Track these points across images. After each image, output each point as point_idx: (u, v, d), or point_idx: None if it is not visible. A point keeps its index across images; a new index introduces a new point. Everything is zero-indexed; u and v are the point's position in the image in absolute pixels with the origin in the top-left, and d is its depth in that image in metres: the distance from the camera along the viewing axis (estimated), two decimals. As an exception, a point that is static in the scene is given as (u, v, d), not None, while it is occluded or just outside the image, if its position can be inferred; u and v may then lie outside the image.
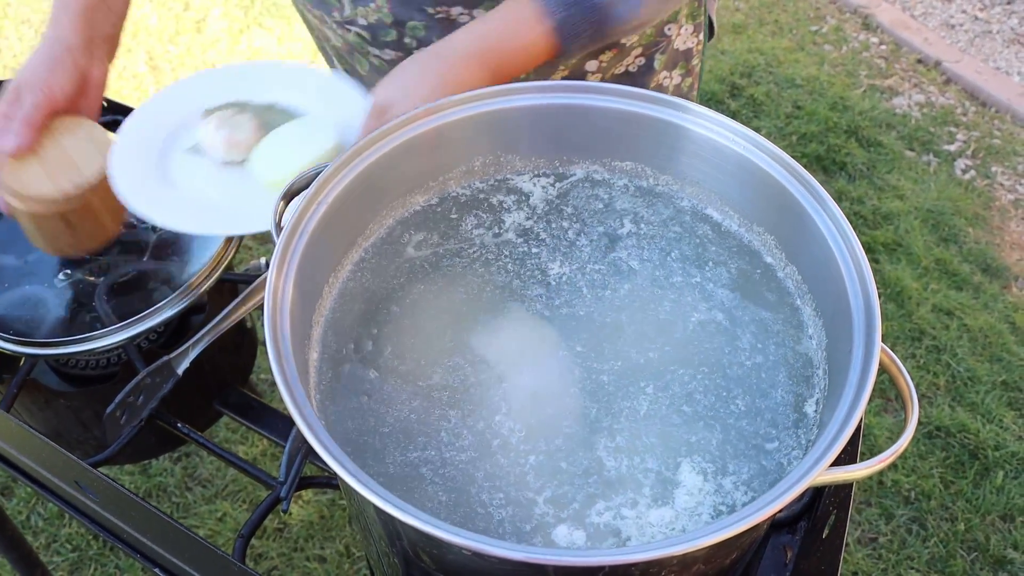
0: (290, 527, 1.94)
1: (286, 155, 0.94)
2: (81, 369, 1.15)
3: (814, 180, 0.71)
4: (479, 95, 0.77)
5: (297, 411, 0.56)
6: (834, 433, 0.56)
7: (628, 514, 0.63)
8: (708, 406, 0.70)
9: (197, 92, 1.07)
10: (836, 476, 0.56)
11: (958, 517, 1.99)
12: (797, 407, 0.69)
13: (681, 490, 0.65)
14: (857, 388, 0.59)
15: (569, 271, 0.78)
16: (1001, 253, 2.60)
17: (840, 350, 0.65)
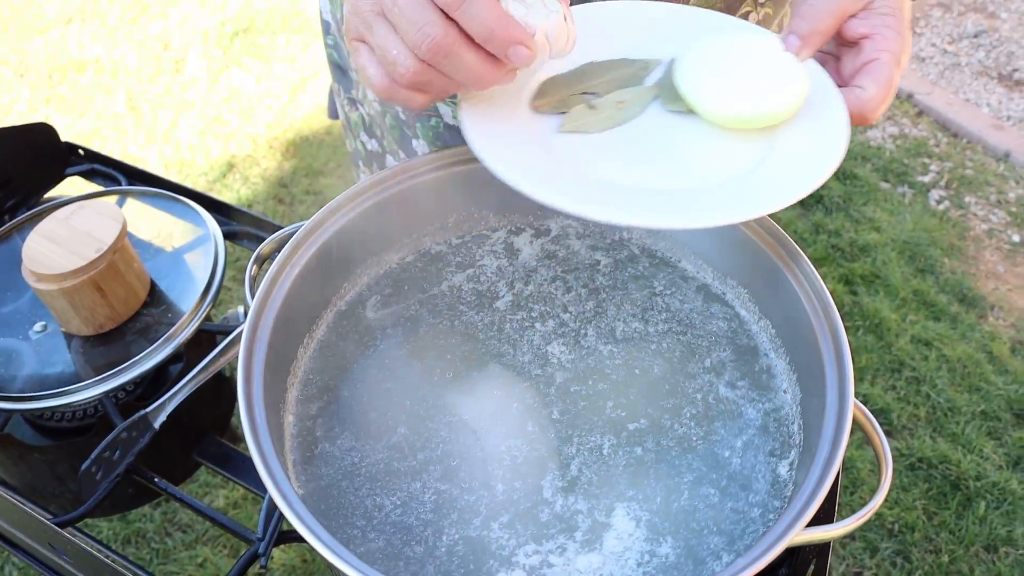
0: (272, 572, 1.92)
1: (743, 82, 0.73)
2: (57, 422, 1.14)
3: (787, 236, 0.71)
4: (450, 155, 0.78)
5: (271, 482, 0.56)
6: (809, 493, 0.56)
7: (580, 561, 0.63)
8: (679, 458, 0.70)
9: None
10: (811, 537, 0.56)
11: (942, 549, 1.99)
12: (771, 462, 0.69)
13: (655, 553, 0.65)
14: (831, 448, 0.59)
15: (545, 328, 0.79)
16: (977, 283, 2.63)
17: (814, 406, 0.65)
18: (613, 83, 0.75)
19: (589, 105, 0.72)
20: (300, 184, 2.81)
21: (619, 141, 0.71)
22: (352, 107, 1.20)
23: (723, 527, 0.66)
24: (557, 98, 0.73)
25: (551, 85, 0.73)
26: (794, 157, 0.68)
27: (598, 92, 0.74)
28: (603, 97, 0.73)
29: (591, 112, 0.72)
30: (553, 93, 0.73)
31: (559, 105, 0.72)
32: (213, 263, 1.12)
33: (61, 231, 1.01)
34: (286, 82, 3.22)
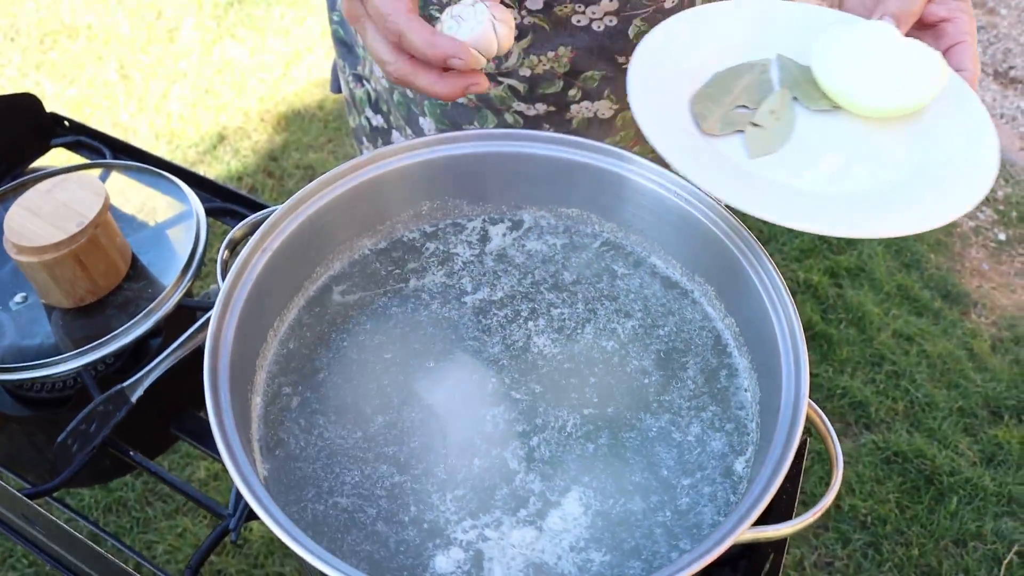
0: (250, 543, 1.94)
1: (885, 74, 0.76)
2: (36, 392, 1.14)
3: (752, 237, 0.72)
4: (421, 143, 0.78)
5: (232, 464, 0.57)
6: (757, 493, 0.57)
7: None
8: (637, 450, 0.71)
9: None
10: (758, 535, 0.57)
11: (912, 542, 2.01)
12: (728, 459, 0.70)
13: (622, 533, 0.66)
14: (782, 450, 0.60)
15: (514, 319, 0.80)
16: (961, 280, 2.64)
17: (771, 406, 0.67)
18: (748, 92, 0.78)
19: (753, 123, 0.76)
20: (291, 158, 2.80)
21: (787, 150, 0.75)
22: (357, 83, 1.21)
23: (672, 522, 0.67)
24: (718, 118, 0.76)
25: (702, 107, 0.76)
26: (954, 156, 0.74)
27: (748, 105, 0.77)
28: (756, 110, 0.77)
29: (762, 131, 0.76)
30: (712, 113, 0.76)
31: (726, 126, 0.75)
32: (195, 239, 1.13)
33: (43, 204, 1.01)
34: (280, 55, 3.21)
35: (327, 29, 3.32)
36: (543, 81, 0.98)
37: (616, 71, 0.97)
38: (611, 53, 0.95)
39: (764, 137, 0.75)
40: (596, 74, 0.97)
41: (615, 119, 1.03)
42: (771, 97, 0.78)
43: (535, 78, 0.98)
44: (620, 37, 0.93)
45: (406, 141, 0.78)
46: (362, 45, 1.14)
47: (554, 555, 0.64)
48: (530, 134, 0.80)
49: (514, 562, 0.63)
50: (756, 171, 0.72)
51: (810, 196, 0.71)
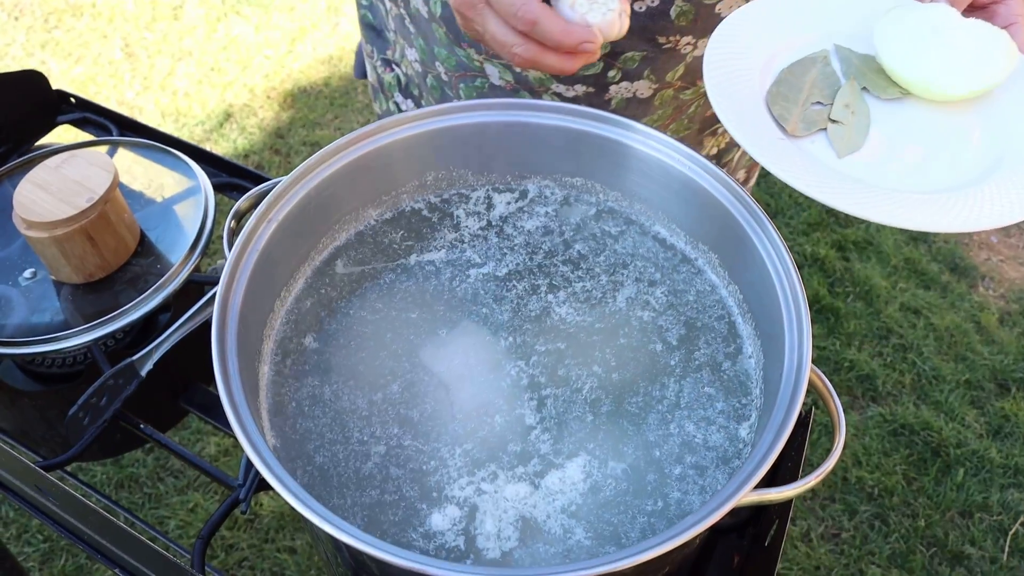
0: (261, 518, 1.96)
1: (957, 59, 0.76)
2: (47, 367, 1.16)
3: (756, 204, 0.73)
4: (426, 113, 0.78)
5: (242, 432, 0.57)
6: (760, 456, 0.58)
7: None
8: (642, 416, 0.72)
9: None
10: (761, 497, 0.58)
11: (919, 513, 2.02)
12: (732, 425, 0.71)
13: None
14: (785, 414, 0.61)
15: (519, 287, 0.80)
16: (969, 253, 2.64)
17: (775, 371, 0.67)
18: (818, 87, 0.78)
19: (831, 119, 0.76)
20: (297, 135, 2.80)
21: (870, 144, 0.75)
22: (386, 68, 1.20)
23: (676, 487, 0.68)
24: (798, 118, 0.76)
25: (780, 108, 0.77)
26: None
27: (822, 101, 0.77)
28: (831, 106, 0.77)
29: (843, 128, 0.76)
30: (791, 114, 0.76)
31: (808, 126, 0.76)
32: (203, 215, 1.13)
33: (52, 180, 1.01)
34: (285, 32, 3.20)
35: (332, 5, 3.31)
36: None
37: (656, 51, 0.97)
38: (652, 33, 0.95)
39: (847, 134, 0.75)
40: (636, 55, 0.97)
41: (653, 98, 1.03)
42: (842, 90, 0.78)
43: None
44: (662, 17, 0.93)
45: (410, 111, 0.78)
46: (391, 29, 1.14)
47: (553, 510, 0.65)
48: (534, 103, 0.80)
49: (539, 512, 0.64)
50: (848, 170, 0.73)
51: (906, 192, 0.71)
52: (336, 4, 3.32)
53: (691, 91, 1.04)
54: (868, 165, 0.73)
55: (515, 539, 0.65)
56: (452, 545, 0.64)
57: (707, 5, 0.91)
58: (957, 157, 0.74)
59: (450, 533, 0.65)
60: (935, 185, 0.72)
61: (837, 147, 0.74)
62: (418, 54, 1.09)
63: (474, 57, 1.02)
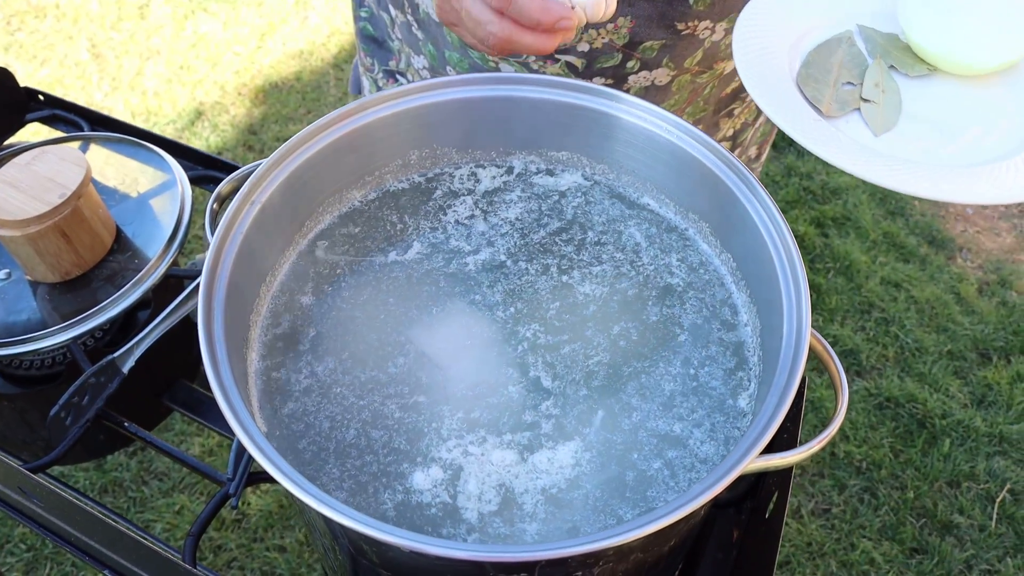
0: (249, 517, 1.94)
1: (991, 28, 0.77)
2: (25, 370, 1.13)
3: (745, 168, 0.72)
4: (408, 90, 0.77)
5: (233, 416, 0.56)
6: (765, 421, 0.57)
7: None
8: (640, 387, 0.71)
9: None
10: (767, 463, 0.57)
11: (907, 485, 2.03)
12: (731, 393, 0.70)
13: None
14: (788, 377, 0.60)
15: (509, 264, 0.79)
16: (946, 225, 2.65)
17: (773, 337, 0.66)
18: (846, 67, 0.78)
19: (863, 99, 0.76)
20: (270, 131, 2.77)
21: (904, 122, 0.75)
22: (388, 79, 1.19)
23: (676, 460, 0.67)
24: (831, 99, 0.76)
25: (812, 89, 0.76)
26: None
27: (852, 81, 0.77)
28: (861, 86, 0.77)
29: (876, 107, 0.76)
30: (823, 95, 0.76)
31: (842, 106, 0.76)
32: (180, 208, 1.11)
33: (23, 177, 0.99)
34: (254, 28, 3.16)
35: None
36: (601, 55, 0.97)
37: (675, 38, 0.96)
38: (671, 20, 0.94)
39: (881, 113, 0.75)
40: (655, 43, 0.96)
41: (671, 84, 1.02)
42: (870, 69, 0.78)
43: (593, 53, 0.96)
44: (680, 3, 0.92)
45: (392, 88, 0.77)
46: (396, 38, 1.12)
47: (549, 482, 0.64)
48: (516, 77, 0.79)
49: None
50: (887, 148, 0.73)
51: (950, 167, 0.71)
52: (356, 26, 3.29)
53: (707, 75, 1.04)
54: (904, 142, 0.73)
55: (511, 511, 0.64)
56: (450, 526, 0.63)
57: None
58: (992, 129, 0.74)
59: (437, 505, 0.64)
60: (975, 158, 0.71)
61: (873, 126, 0.74)
62: (427, 60, 1.07)
63: (488, 57, 1.00)
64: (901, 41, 0.80)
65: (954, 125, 0.75)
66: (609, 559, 0.57)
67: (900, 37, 0.80)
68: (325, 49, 3.10)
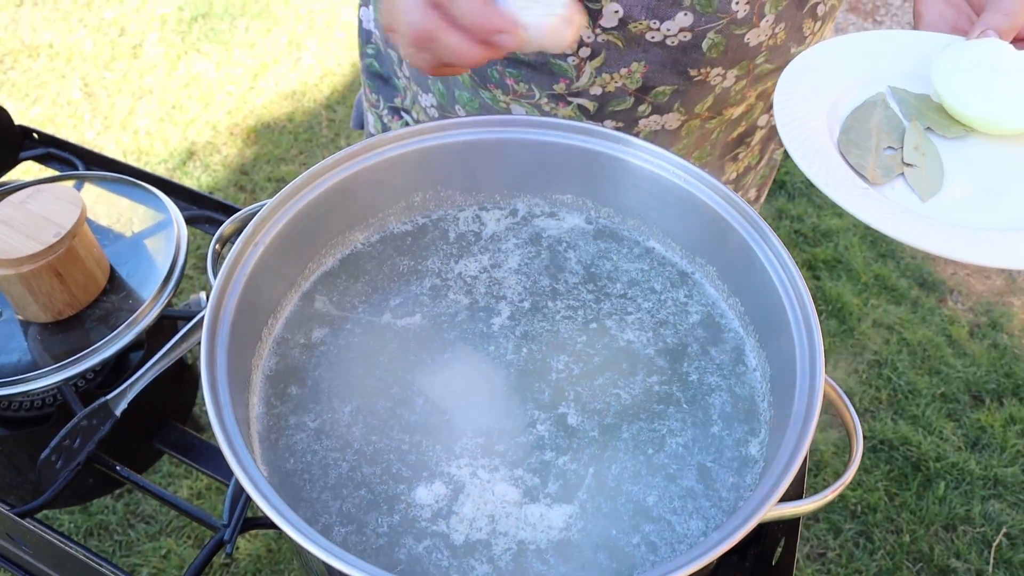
0: (237, 562, 1.90)
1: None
2: (15, 411, 1.11)
3: (755, 212, 0.72)
4: (413, 132, 0.77)
5: (236, 462, 0.55)
6: (780, 470, 0.56)
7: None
8: (644, 438, 0.69)
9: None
10: (784, 512, 0.56)
11: (903, 529, 2.02)
12: (741, 442, 0.69)
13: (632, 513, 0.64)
14: (803, 424, 0.59)
15: (513, 308, 0.78)
16: (936, 268, 2.66)
17: (785, 383, 0.66)
18: (885, 131, 0.78)
19: (905, 163, 0.76)
20: (262, 171, 2.77)
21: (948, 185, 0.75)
22: (394, 116, 1.18)
23: (682, 508, 0.66)
24: (875, 165, 0.76)
25: (856, 157, 0.76)
26: None
27: (892, 146, 0.77)
28: (902, 150, 0.77)
29: (919, 171, 0.76)
30: (867, 162, 0.76)
31: (886, 172, 0.75)
32: (175, 248, 1.10)
33: (17, 215, 0.98)
34: (247, 68, 3.18)
35: (293, 40, 3.30)
36: (613, 99, 0.96)
37: (687, 84, 0.96)
38: (684, 67, 0.94)
39: (925, 177, 0.75)
40: (667, 88, 0.96)
41: (680, 129, 1.02)
42: (908, 132, 0.78)
43: (606, 96, 0.96)
44: (694, 50, 0.92)
45: (397, 130, 0.76)
46: (403, 76, 1.12)
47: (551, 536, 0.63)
48: (523, 119, 0.79)
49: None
50: (936, 213, 0.72)
51: (1003, 231, 0.71)
52: (297, 40, 3.31)
53: (716, 120, 1.04)
54: (949, 206, 0.73)
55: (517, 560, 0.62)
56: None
57: (737, 35, 0.91)
58: None
59: (445, 556, 0.62)
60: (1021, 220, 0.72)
61: (919, 191, 0.74)
62: (436, 98, 1.07)
63: (500, 99, 1.00)
64: (934, 102, 0.80)
65: (995, 186, 0.75)
66: (623, 611, 0.56)
67: (932, 97, 0.81)
68: (318, 90, 3.11)
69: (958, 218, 0.71)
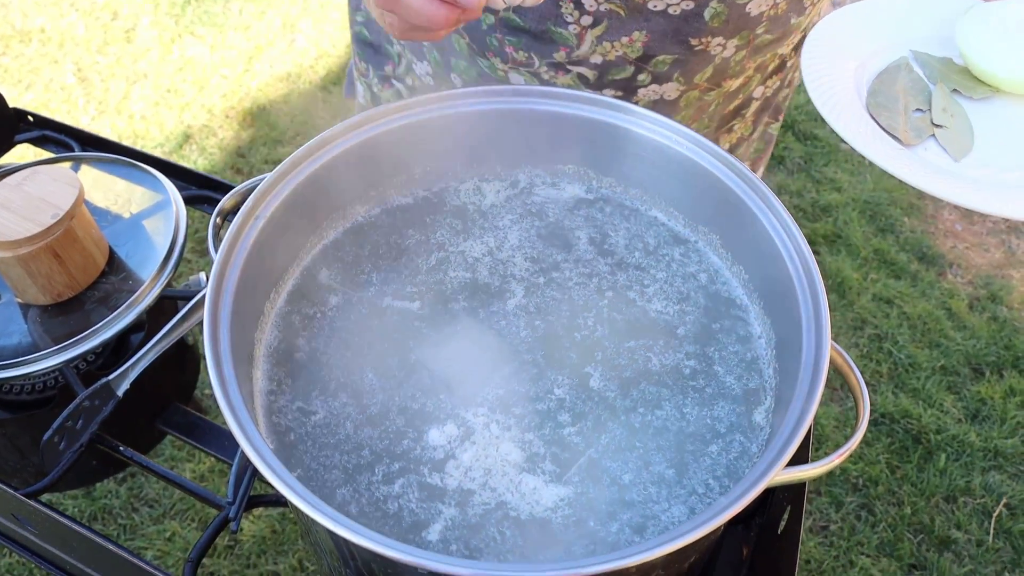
0: (242, 543, 1.90)
1: None
2: (16, 394, 1.11)
3: (758, 179, 0.71)
4: (414, 103, 0.76)
5: (243, 435, 0.54)
6: (788, 434, 0.56)
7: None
8: (648, 408, 0.69)
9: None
10: (791, 476, 0.56)
11: (904, 501, 2.02)
12: (746, 410, 0.69)
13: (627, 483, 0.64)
14: (809, 387, 0.59)
15: (517, 279, 0.78)
16: (935, 241, 2.66)
17: (790, 349, 0.65)
18: (912, 94, 0.79)
19: (935, 124, 0.77)
20: (259, 153, 2.76)
21: (979, 145, 0.76)
22: (384, 85, 1.17)
23: (690, 475, 0.66)
24: (906, 127, 0.76)
25: (887, 119, 0.76)
26: None
27: (921, 108, 0.78)
28: (931, 112, 0.77)
29: (950, 132, 0.76)
30: (898, 124, 0.76)
31: (917, 134, 0.76)
32: (174, 228, 1.10)
33: (14, 197, 0.97)
34: (241, 51, 3.15)
35: (287, 22, 3.28)
36: (613, 68, 0.96)
37: (688, 53, 0.96)
38: (685, 36, 0.93)
39: (955, 137, 0.75)
40: (668, 58, 0.95)
41: (679, 100, 1.02)
42: (935, 95, 0.78)
43: (606, 65, 0.96)
44: (696, 20, 0.91)
45: (397, 101, 0.76)
46: (397, 43, 1.11)
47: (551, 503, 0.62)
48: (523, 89, 0.78)
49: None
50: (970, 172, 0.73)
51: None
52: (291, 21, 3.29)
53: (715, 92, 1.03)
54: (982, 165, 0.73)
55: (528, 539, 0.62)
56: (474, 548, 0.61)
57: (739, 5, 0.90)
58: None
59: (455, 541, 0.62)
60: None
61: (952, 151, 0.74)
62: (431, 67, 1.06)
63: (498, 67, 0.99)
64: (957, 64, 0.80)
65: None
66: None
67: (955, 60, 0.81)
68: (313, 71, 3.10)
69: (992, 176, 0.72)
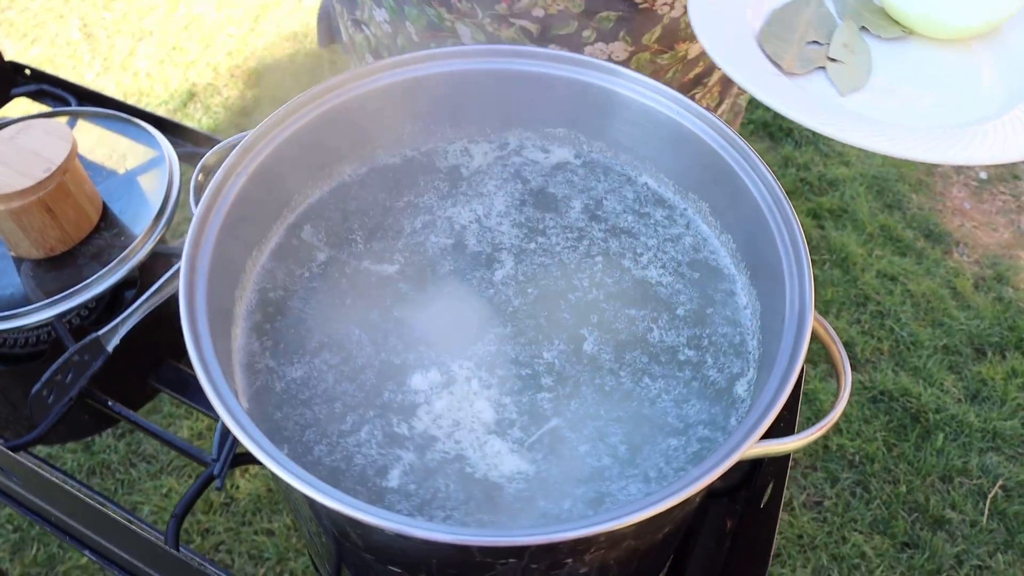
0: (237, 501, 1.92)
1: None
2: (8, 347, 1.11)
3: (747, 145, 0.70)
4: (401, 61, 0.75)
5: (212, 390, 0.54)
6: (765, 405, 0.55)
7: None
8: (631, 376, 0.69)
9: None
10: (767, 449, 0.55)
11: (900, 479, 2.02)
12: (728, 381, 0.68)
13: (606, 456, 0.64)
14: (789, 359, 0.58)
15: (503, 243, 0.77)
16: (943, 219, 2.64)
17: (774, 319, 0.64)
18: (813, 27, 0.76)
19: (830, 58, 0.74)
20: (263, 113, 2.73)
21: (873, 84, 0.73)
22: (357, 29, 1.16)
23: (671, 451, 0.65)
24: (794, 56, 0.74)
25: (773, 47, 0.74)
26: None
27: (819, 40, 0.75)
28: (828, 45, 0.75)
29: (843, 66, 0.74)
30: (785, 52, 0.74)
31: (804, 63, 0.73)
32: (168, 185, 1.09)
33: (7, 151, 0.97)
34: (247, 9, 3.13)
35: (296, -19, 3.24)
36: (556, 22, 0.94)
37: (632, 11, 0.94)
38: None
39: (848, 72, 0.73)
40: (612, 14, 0.94)
41: (629, 61, 1.00)
42: (839, 30, 0.76)
43: (548, 19, 0.94)
44: None
45: (385, 60, 0.75)
46: None
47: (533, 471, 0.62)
48: (514, 49, 0.77)
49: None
50: (853, 107, 0.70)
51: (922, 128, 0.68)
52: (307, -21, 3.26)
53: (668, 55, 1.01)
54: (873, 103, 0.71)
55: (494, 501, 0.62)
56: (422, 499, 0.61)
57: None
58: (969, 95, 0.72)
59: (421, 494, 0.62)
60: (949, 121, 0.69)
61: (839, 85, 0.72)
62: (387, 14, 1.05)
63: (445, 17, 0.98)
64: (873, 3, 0.77)
65: (928, 89, 0.72)
66: (601, 545, 0.55)
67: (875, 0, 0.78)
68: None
69: (884, 115, 0.69)
